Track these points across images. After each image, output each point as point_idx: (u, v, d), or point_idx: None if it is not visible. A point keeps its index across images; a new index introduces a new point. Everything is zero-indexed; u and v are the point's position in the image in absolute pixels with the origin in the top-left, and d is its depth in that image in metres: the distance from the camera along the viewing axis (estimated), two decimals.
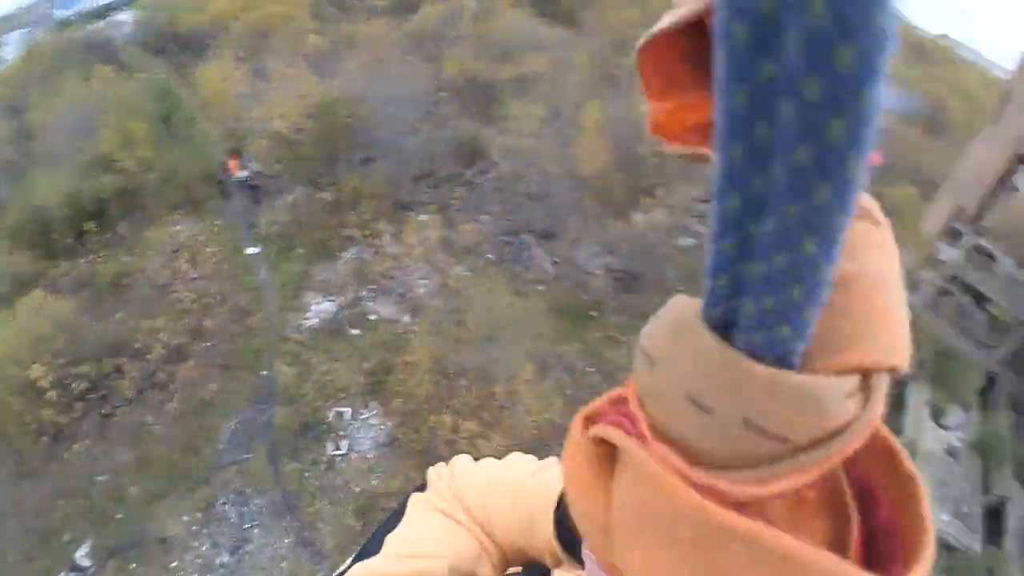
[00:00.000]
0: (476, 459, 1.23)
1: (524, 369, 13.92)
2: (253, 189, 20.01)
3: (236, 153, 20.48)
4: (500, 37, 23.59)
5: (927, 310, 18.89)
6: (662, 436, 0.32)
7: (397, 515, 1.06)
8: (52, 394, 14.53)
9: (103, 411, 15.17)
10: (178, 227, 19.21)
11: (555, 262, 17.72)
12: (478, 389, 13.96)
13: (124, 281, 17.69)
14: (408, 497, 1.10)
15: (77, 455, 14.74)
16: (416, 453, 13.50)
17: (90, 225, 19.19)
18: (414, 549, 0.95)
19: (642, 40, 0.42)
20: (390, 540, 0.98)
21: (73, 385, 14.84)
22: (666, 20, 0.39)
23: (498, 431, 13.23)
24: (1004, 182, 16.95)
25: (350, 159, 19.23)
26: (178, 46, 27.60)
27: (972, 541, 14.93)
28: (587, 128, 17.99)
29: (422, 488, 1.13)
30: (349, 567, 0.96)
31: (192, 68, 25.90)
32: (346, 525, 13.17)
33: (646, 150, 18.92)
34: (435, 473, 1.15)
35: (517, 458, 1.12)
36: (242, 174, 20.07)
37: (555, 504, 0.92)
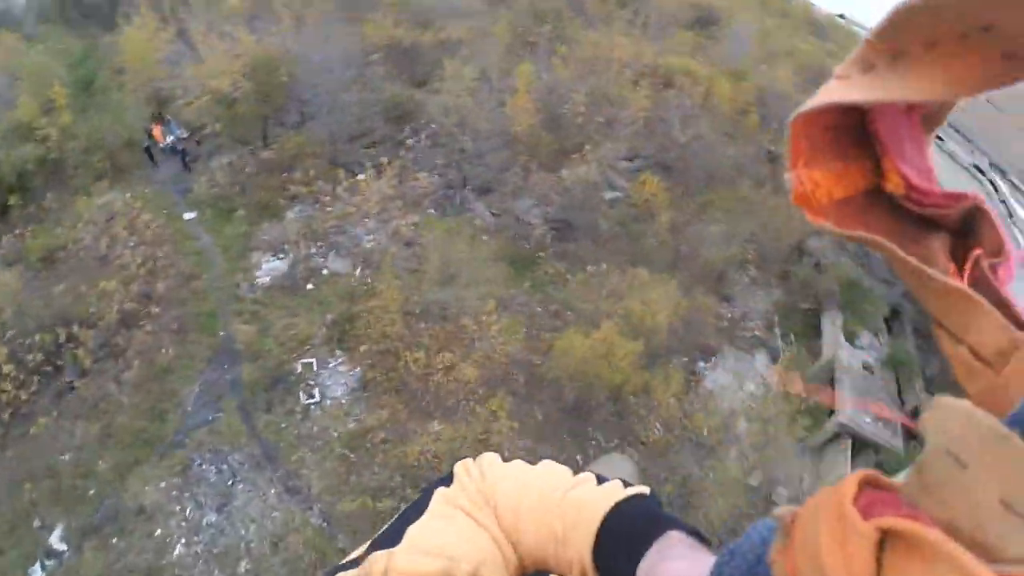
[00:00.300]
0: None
1: (487, 306, 14.71)
2: (182, 155, 19.61)
3: (159, 119, 19.93)
4: (418, 5, 24.01)
5: (832, 249, 21.25)
6: (952, 532, 0.34)
7: (418, 506, 1.03)
8: (9, 368, 14.03)
9: (61, 383, 14.79)
10: (107, 196, 18.54)
11: (495, 214, 18.60)
12: (446, 325, 14.67)
13: (58, 254, 17.04)
14: (431, 489, 1.07)
15: (39, 434, 14.30)
16: (393, 390, 14.09)
17: (13, 199, 18.28)
18: (438, 546, 0.92)
19: (798, 111, 0.43)
20: (412, 532, 0.96)
21: (28, 358, 14.32)
22: (830, 96, 0.41)
23: (470, 361, 14.00)
24: None
25: (285, 120, 19.24)
26: (81, 15, 26.30)
27: (895, 438, 17.21)
28: (519, 90, 18.79)
29: (446, 480, 1.09)
30: (365, 553, 0.95)
31: (98, 36, 24.79)
32: (330, 469, 13.61)
33: (569, 111, 20.15)
34: (463, 468, 1.10)
35: (551, 467, 1.08)
36: (168, 140, 19.63)
37: (598, 526, 0.91)
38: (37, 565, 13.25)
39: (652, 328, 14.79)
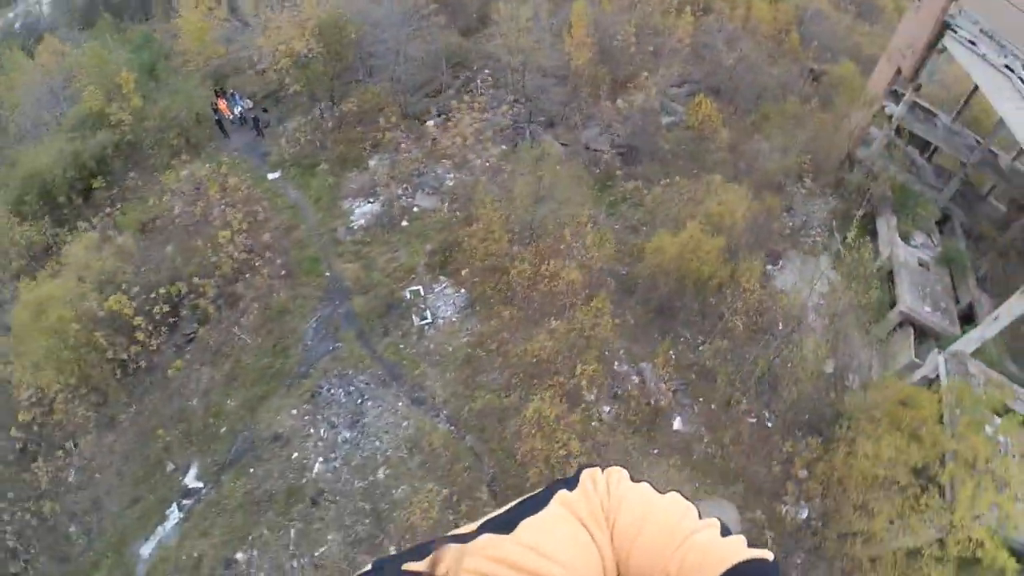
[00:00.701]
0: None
1: (581, 217, 15.66)
2: (254, 122, 20.55)
3: (221, 94, 20.93)
4: None
5: (881, 158, 22.08)
6: None
7: (536, 502, 1.02)
8: (139, 320, 14.97)
9: (186, 332, 15.82)
10: (188, 168, 19.50)
11: (564, 144, 19.56)
12: (545, 239, 15.62)
13: (155, 223, 18.01)
14: (554, 488, 1.05)
15: (170, 380, 15.30)
16: (502, 302, 15.08)
17: (96, 182, 19.29)
18: (548, 550, 0.91)
19: None
20: (525, 527, 0.95)
21: (155, 310, 15.25)
22: None
23: (572, 265, 14.94)
24: (931, 47, 20.15)
25: (354, 76, 20.20)
26: (112, 13, 27.29)
27: (952, 327, 18.17)
28: (575, 25, 19.66)
29: (570, 483, 1.06)
30: (476, 531, 0.96)
31: (135, 29, 25.81)
32: (452, 379, 14.61)
33: (620, 43, 21.00)
34: (590, 478, 1.06)
35: (677, 500, 1.04)
36: (236, 111, 20.64)
37: None
38: (174, 506, 14.20)
39: (731, 225, 15.70)
